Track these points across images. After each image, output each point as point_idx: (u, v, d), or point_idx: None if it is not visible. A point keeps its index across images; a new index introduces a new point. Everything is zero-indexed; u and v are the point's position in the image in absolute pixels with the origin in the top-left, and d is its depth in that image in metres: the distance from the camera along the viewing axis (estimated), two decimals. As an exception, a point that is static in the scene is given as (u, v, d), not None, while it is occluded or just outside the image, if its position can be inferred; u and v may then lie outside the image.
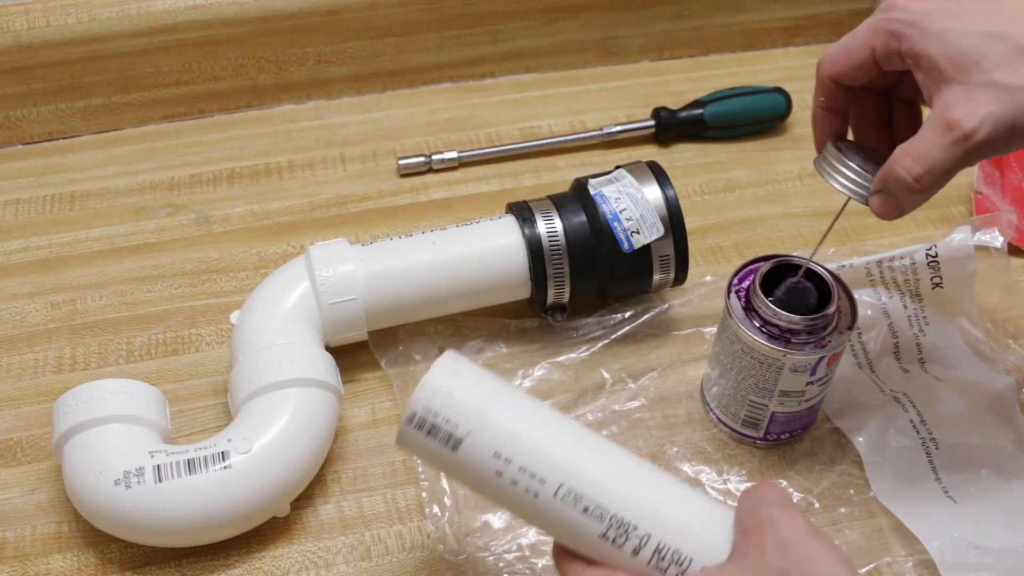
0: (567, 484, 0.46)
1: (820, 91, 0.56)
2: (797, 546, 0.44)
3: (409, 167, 0.80)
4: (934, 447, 0.62)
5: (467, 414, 0.47)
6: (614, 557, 0.46)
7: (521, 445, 0.47)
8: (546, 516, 0.47)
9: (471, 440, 0.47)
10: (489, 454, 0.47)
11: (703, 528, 0.47)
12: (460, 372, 0.49)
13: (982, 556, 0.57)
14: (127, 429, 0.57)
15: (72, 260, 0.74)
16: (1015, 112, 0.48)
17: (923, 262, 0.66)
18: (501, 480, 0.47)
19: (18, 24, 0.77)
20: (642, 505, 0.46)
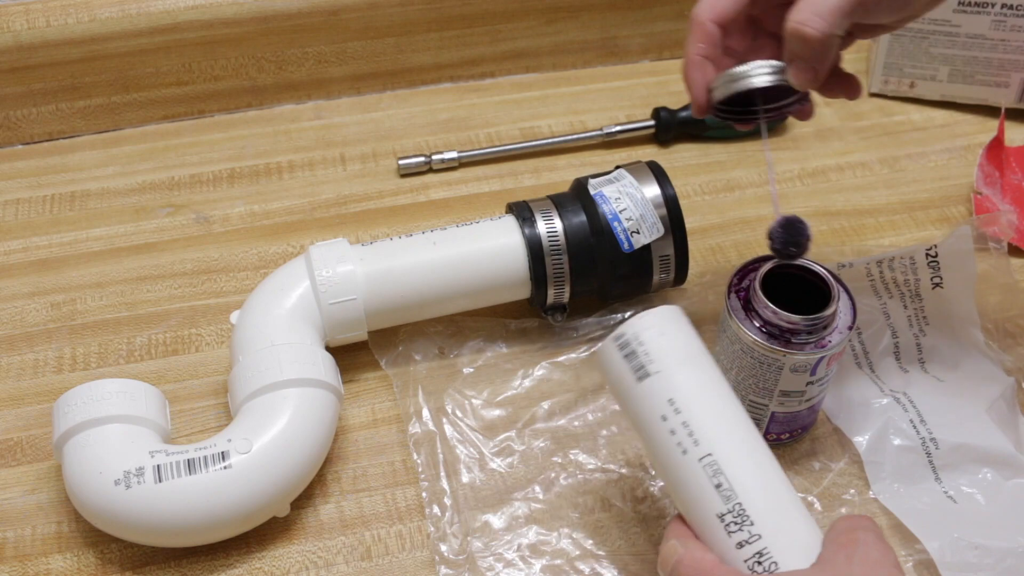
0: (715, 455, 0.49)
1: (699, 38, 0.56)
2: (881, 568, 0.45)
3: (409, 167, 0.80)
4: (934, 447, 0.62)
5: (665, 357, 0.50)
6: (718, 541, 0.48)
7: (695, 405, 0.49)
8: (681, 475, 0.49)
9: (656, 379, 0.50)
10: (665, 398, 0.50)
11: (804, 545, 0.48)
12: (676, 323, 0.52)
13: (982, 556, 0.57)
14: (127, 429, 0.57)
15: (72, 260, 0.74)
16: None
17: (923, 262, 0.66)
18: (662, 425, 0.50)
19: (18, 24, 0.77)
20: (767, 508, 0.48)
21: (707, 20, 0.55)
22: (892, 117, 0.86)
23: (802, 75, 0.54)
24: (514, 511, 0.60)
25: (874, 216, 0.78)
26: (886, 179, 0.81)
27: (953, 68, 0.84)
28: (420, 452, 0.62)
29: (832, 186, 0.80)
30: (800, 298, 0.58)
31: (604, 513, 0.60)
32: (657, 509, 0.60)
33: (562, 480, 0.62)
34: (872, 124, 0.85)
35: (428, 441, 0.63)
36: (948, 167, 0.81)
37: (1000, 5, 0.79)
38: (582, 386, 0.66)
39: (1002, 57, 0.82)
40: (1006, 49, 0.81)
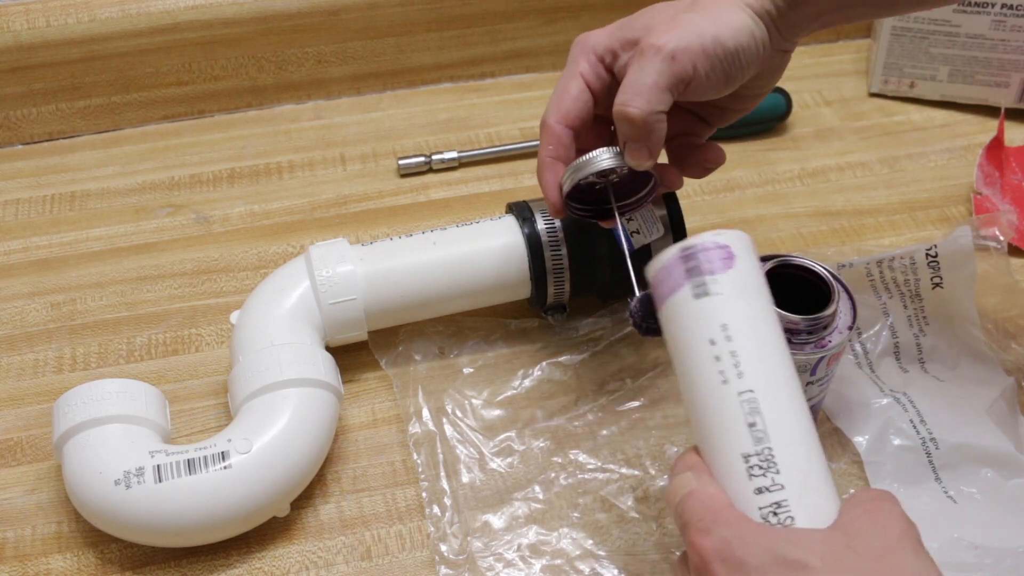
0: (757, 392, 0.46)
1: (548, 141, 0.58)
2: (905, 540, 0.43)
3: (409, 167, 0.80)
4: (934, 447, 0.62)
5: (730, 283, 0.48)
6: (736, 483, 0.46)
7: (748, 337, 0.47)
8: (714, 405, 0.47)
9: (715, 301, 0.47)
10: (718, 323, 0.47)
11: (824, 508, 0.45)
12: (748, 252, 0.50)
13: (982, 556, 0.57)
14: (127, 429, 0.57)
15: (72, 260, 0.74)
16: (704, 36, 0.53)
17: (923, 262, 0.66)
18: (708, 349, 0.47)
19: (18, 24, 0.77)
20: (797, 460, 0.46)
21: (554, 123, 0.57)
22: (892, 117, 0.86)
23: (635, 155, 0.55)
24: (514, 511, 0.60)
25: (874, 216, 0.78)
26: (886, 179, 0.81)
27: (953, 68, 0.84)
28: (420, 452, 0.62)
29: (832, 186, 0.80)
30: (800, 298, 0.58)
31: (604, 513, 0.60)
32: (657, 509, 0.60)
33: (562, 480, 0.62)
34: (872, 124, 0.85)
35: (428, 441, 0.63)
36: (948, 167, 0.81)
37: (1000, 5, 0.79)
38: (582, 386, 0.66)
39: (1002, 57, 0.82)
40: (1006, 49, 0.81)
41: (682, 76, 0.53)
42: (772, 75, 0.59)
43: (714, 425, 0.46)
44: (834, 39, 0.92)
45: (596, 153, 0.56)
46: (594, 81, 0.57)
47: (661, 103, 0.53)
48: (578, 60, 0.58)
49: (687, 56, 0.53)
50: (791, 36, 0.56)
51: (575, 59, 0.58)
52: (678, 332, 0.48)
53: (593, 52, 0.57)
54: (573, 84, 0.57)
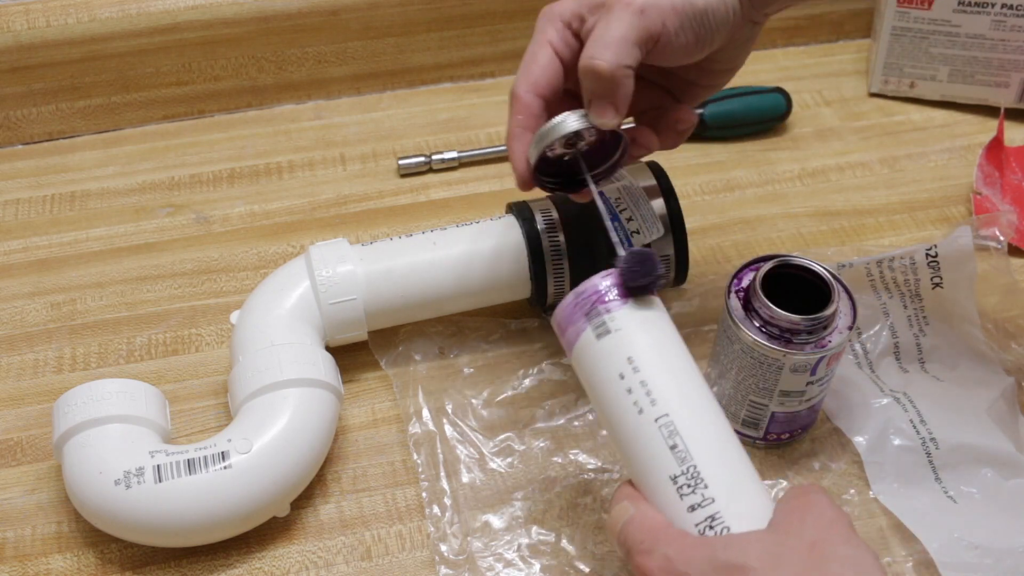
0: (671, 416, 0.48)
1: (517, 110, 0.56)
2: (834, 529, 0.44)
3: (409, 167, 0.80)
4: (934, 447, 0.62)
5: (627, 317, 0.50)
6: (670, 504, 0.47)
7: (654, 365, 0.49)
8: (635, 435, 0.48)
9: (616, 337, 0.50)
10: (624, 357, 0.49)
11: (757, 512, 0.47)
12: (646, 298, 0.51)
13: (982, 556, 0.57)
14: (127, 429, 0.57)
15: (72, 260, 0.74)
16: None
17: (923, 262, 0.66)
18: (620, 384, 0.49)
19: (18, 24, 0.77)
20: (722, 472, 0.47)
21: (523, 92, 0.56)
22: (892, 117, 0.86)
23: (601, 111, 0.53)
24: (514, 511, 0.60)
25: (874, 216, 0.78)
26: (886, 179, 0.81)
27: (953, 68, 0.84)
28: (420, 452, 0.62)
29: (832, 186, 0.80)
30: (800, 298, 0.58)
31: (604, 513, 0.60)
32: (657, 509, 0.60)
33: (562, 480, 0.62)
34: (872, 124, 0.85)
35: (428, 441, 0.63)
36: (948, 167, 0.81)
37: (1000, 5, 0.79)
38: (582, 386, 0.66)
39: (1002, 57, 0.82)
40: (1006, 49, 0.81)
41: (651, 30, 0.52)
42: (743, 47, 0.58)
43: (639, 454, 0.49)
44: (834, 39, 0.92)
45: (561, 117, 0.54)
46: (563, 48, 0.56)
47: (629, 57, 0.52)
48: (545, 28, 0.56)
49: (656, 11, 0.52)
50: (761, 6, 0.55)
51: (542, 28, 0.56)
52: (589, 372, 0.51)
53: (560, 19, 0.56)
54: (541, 52, 0.56)
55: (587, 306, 0.50)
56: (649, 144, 0.59)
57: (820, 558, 0.43)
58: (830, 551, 0.43)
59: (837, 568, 0.43)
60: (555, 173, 0.58)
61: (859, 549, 0.44)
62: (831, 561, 0.43)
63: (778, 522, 0.46)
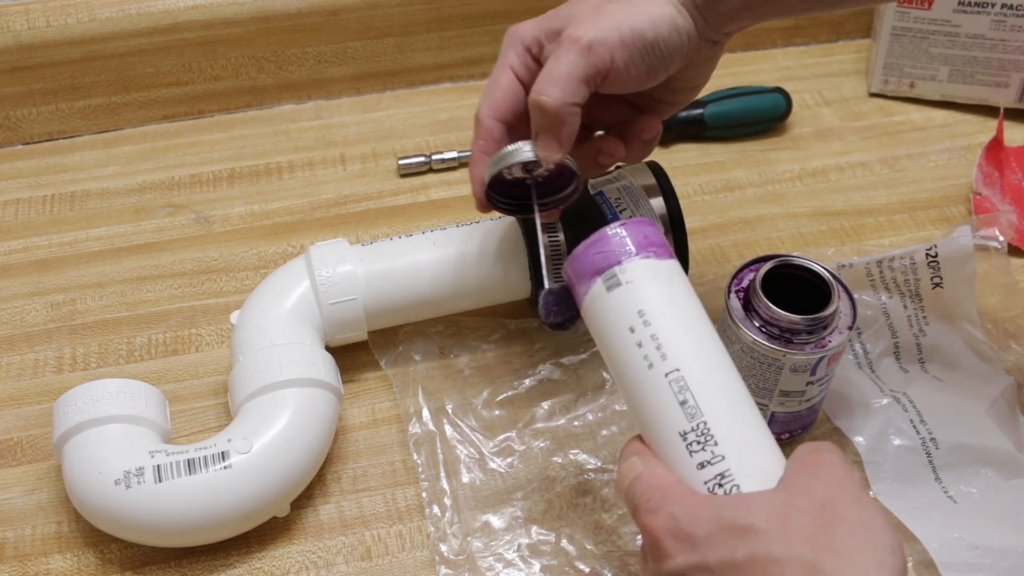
0: (682, 371, 0.47)
1: (479, 135, 0.57)
2: (845, 489, 0.44)
3: (409, 167, 0.80)
4: (934, 447, 0.62)
5: (639, 269, 0.49)
6: (678, 460, 0.47)
7: (665, 318, 0.48)
8: (645, 390, 0.48)
9: (627, 289, 0.49)
10: (635, 309, 0.48)
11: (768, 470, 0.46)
12: (656, 233, 0.50)
13: (982, 556, 0.57)
14: (127, 429, 0.57)
15: (72, 260, 0.74)
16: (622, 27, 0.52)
17: (923, 262, 0.66)
18: (629, 337, 0.48)
19: (18, 24, 0.77)
20: (732, 429, 0.46)
21: (484, 116, 0.57)
22: (892, 117, 0.86)
23: (546, 146, 0.54)
24: (514, 511, 0.60)
25: (874, 216, 0.78)
26: (886, 179, 0.81)
27: (953, 68, 0.84)
28: (420, 452, 0.62)
29: (832, 186, 0.80)
30: (800, 298, 0.58)
31: (604, 513, 0.60)
32: (657, 509, 0.60)
33: (562, 480, 0.62)
34: (872, 124, 0.85)
35: (428, 441, 0.63)
36: (948, 167, 0.81)
37: (1000, 5, 0.79)
38: (582, 386, 0.66)
39: (1002, 57, 0.82)
40: (1006, 49, 0.81)
41: (599, 67, 0.52)
42: (704, 67, 0.58)
43: (648, 409, 0.48)
44: (834, 39, 0.92)
45: (516, 145, 0.55)
46: (523, 72, 0.57)
47: (576, 95, 0.53)
48: (507, 52, 0.57)
49: (604, 47, 0.52)
50: (719, 27, 0.55)
51: (505, 51, 0.57)
52: (599, 326, 0.50)
53: (521, 43, 0.57)
54: (503, 76, 0.57)
55: (598, 257, 0.49)
56: (615, 152, 0.60)
57: (829, 519, 0.42)
58: (840, 511, 0.43)
59: (846, 529, 0.42)
60: (513, 195, 0.59)
61: (869, 510, 0.43)
62: (841, 522, 0.42)
63: (788, 480, 0.45)
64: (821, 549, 0.41)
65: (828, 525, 0.42)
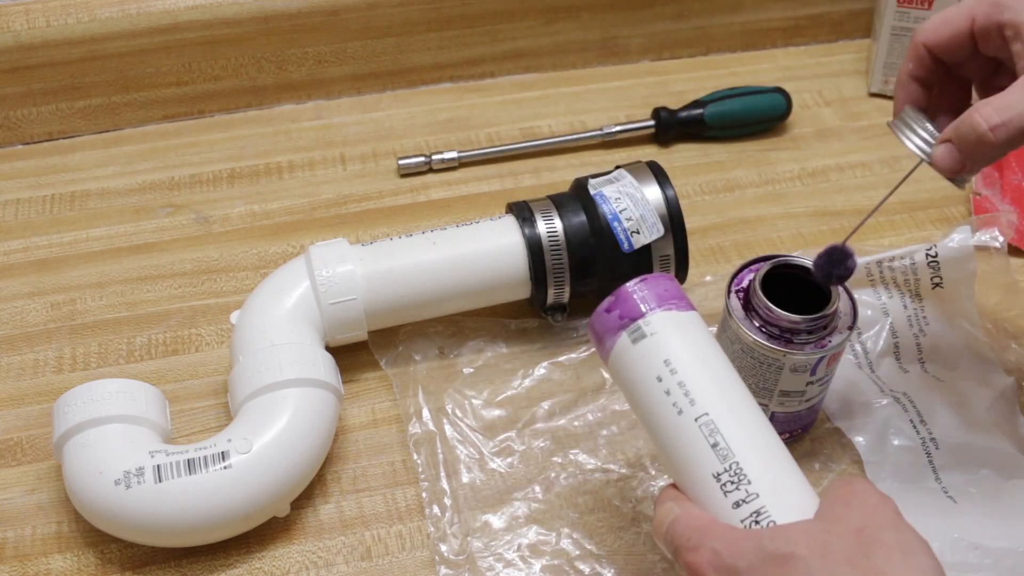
0: (711, 414, 0.48)
1: (911, 57, 0.55)
2: (880, 513, 0.45)
3: (409, 167, 0.80)
4: (934, 447, 0.62)
5: (662, 320, 0.51)
6: (714, 501, 0.48)
7: (691, 365, 0.50)
8: (676, 436, 0.49)
9: (652, 341, 0.50)
10: (660, 360, 0.50)
11: (801, 504, 0.47)
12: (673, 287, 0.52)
13: (982, 556, 0.57)
14: (127, 429, 0.57)
15: (72, 260, 0.74)
16: None
17: (923, 262, 0.66)
18: (658, 386, 0.50)
19: (18, 24, 0.77)
20: (764, 467, 0.48)
21: (920, 42, 0.54)
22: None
23: (947, 161, 0.51)
24: (514, 511, 0.60)
25: (874, 216, 0.77)
26: (886, 179, 0.81)
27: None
28: (420, 452, 0.62)
29: (832, 186, 0.80)
30: (800, 298, 0.58)
31: (604, 513, 0.60)
32: (657, 509, 0.60)
33: (562, 480, 0.62)
34: (872, 124, 0.85)
35: (428, 441, 0.63)
36: (948, 167, 0.81)
37: (1000, 5, 0.79)
38: (582, 386, 0.66)
39: (1002, 57, 0.82)
40: (1006, 49, 0.81)
41: None
42: None
43: (681, 454, 0.49)
44: (834, 39, 0.92)
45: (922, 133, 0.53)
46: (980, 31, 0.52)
47: (1014, 140, 0.49)
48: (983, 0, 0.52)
49: None
50: None
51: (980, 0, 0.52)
52: (628, 377, 0.51)
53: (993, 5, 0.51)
54: (961, 21, 0.52)
55: (622, 312, 0.51)
56: None
57: (867, 542, 0.43)
58: (877, 535, 0.43)
59: (884, 552, 0.43)
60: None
61: (906, 533, 0.44)
62: (879, 545, 0.43)
63: (824, 511, 0.46)
64: (863, 571, 0.42)
65: (867, 549, 0.43)
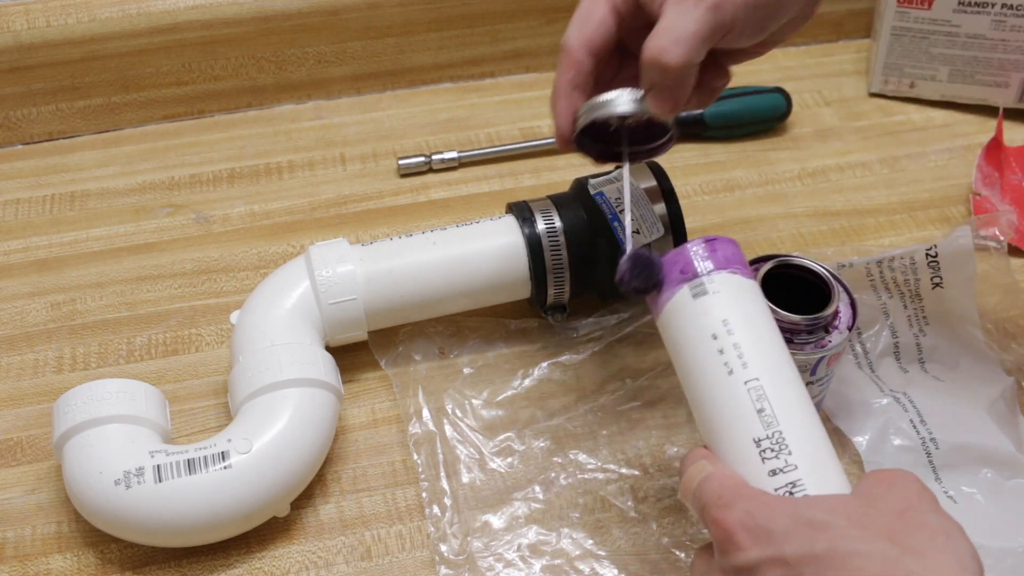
0: (762, 380, 0.48)
1: (569, 66, 0.55)
2: (923, 499, 0.44)
3: (409, 167, 0.80)
4: (934, 447, 0.62)
5: (724, 281, 0.50)
6: (750, 466, 0.47)
7: (748, 330, 0.49)
8: (722, 395, 0.48)
9: (713, 298, 0.50)
10: (719, 318, 0.49)
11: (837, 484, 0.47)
12: (737, 252, 0.51)
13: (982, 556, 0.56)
14: (127, 429, 0.57)
15: (72, 260, 0.74)
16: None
17: (923, 262, 0.66)
18: (711, 343, 0.49)
19: (18, 24, 0.77)
20: (806, 441, 0.47)
21: (576, 48, 0.54)
22: (892, 117, 0.86)
23: (661, 103, 0.52)
24: (514, 511, 0.60)
25: (874, 216, 0.78)
26: (886, 179, 0.81)
27: (953, 68, 0.84)
28: (420, 452, 0.62)
29: (832, 186, 0.80)
30: (800, 298, 0.58)
31: (604, 513, 0.60)
32: (657, 509, 0.60)
33: (562, 480, 0.62)
34: (872, 124, 0.85)
35: (428, 441, 0.63)
36: (948, 167, 0.81)
37: (1000, 5, 0.79)
38: (582, 386, 0.66)
39: (1002, 57, 0.82)
40: (1006, 49, 0.81)
41: (722, 26, 0.50)
42: (800, 22, 0.56)
43: (724, 415, 0.48)
44: (834, 39, 0.92)
45: (616, 94, 0.53)
46: (620, 4, 0.54)
47: (699, 55, 0.51)
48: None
49: (730, 5, 0.50)
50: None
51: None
52: (680, 331, 0.50)
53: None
54: (598, 8, 0.54)
55: (683, 267, 0.50)
56: None
57: (909, 523, 0.42)
58: (920, 518, 0.42)
59: (927, 533, 0.42)
60: (593, 137, 0.57)
61: (948, 520, 0.43)
62: (921, 527, 0.42)
63: (864, 490, 0.45)
64: (904, 548, 0.41)
65: (909, 528, 0.42)
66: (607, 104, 0.54)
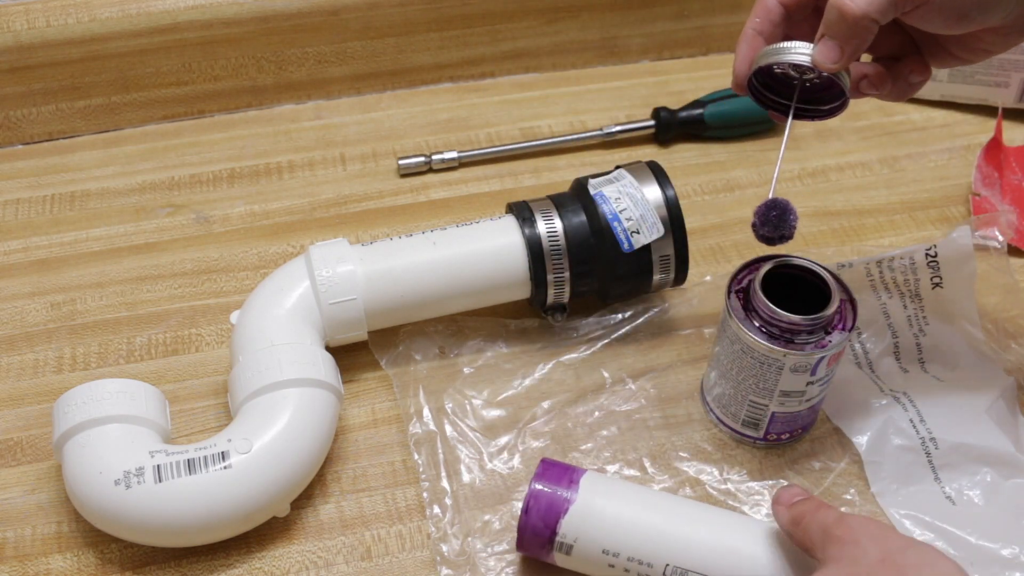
0: (672, 562, 0.52)
1: (756, 12, 0.55)
2: (887, 538, 0.45)
3: (409, 167, 0.80)
4: (934, 447, 0.62)
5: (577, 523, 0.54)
6: None
7: (623, 540, 0.53)
8: None
9: (580, 545, 0.54)
10: (598, 551, 0.53)
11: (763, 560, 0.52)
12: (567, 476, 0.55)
13: (981, 556, 0.57)
14: (127, 429, 0.57)
15: (72, 260, 0.74)
16: None
17: (923, 262, 0.66)
18: (615, 570, 0.53)
19: (18, 24, 0.77)
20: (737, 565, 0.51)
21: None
22: (892, 117, 0.86)
23: (828, 52, 0.51)
24: (514, 511, 0.60)
25: (874, 216, 0.78)
26: (886, 179, 0.81)
27: (953, 68, 0.84)
28: (420, 452, 0.62)
29: (832, 186, 0.80)
30: (800, 298, 0.58)
31: (604, 513, 0.60)
32: (657, 509, 0.60)
33: (562, 480, 0.62)
34: (872, 124, 0.85)
35: (428, 441, 0.63)
36: (948, 167, 0.81)
37: (1000, 5, 0.79)
38: (582, 386, 0.66)
39: (1002, 57, 0.82)
40: (1006, 49, 0.81)
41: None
42: (1013, 36, 0.53)
43: None
44: (834, 39, 0.92)
45: (795, 44, 0.53)
46: None
47: (882, 12, 0.49)
48: None
49: None
50: None
51: None
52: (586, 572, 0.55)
53: None
54: None
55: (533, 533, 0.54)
56: (880, 85, 0.55)
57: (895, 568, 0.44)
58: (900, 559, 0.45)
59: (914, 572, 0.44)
60: (771, 87, 0.57)
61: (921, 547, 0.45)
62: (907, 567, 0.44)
63: (836, 556, 0.47)
64: None
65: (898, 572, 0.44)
66: (780, 51, 0.53)
